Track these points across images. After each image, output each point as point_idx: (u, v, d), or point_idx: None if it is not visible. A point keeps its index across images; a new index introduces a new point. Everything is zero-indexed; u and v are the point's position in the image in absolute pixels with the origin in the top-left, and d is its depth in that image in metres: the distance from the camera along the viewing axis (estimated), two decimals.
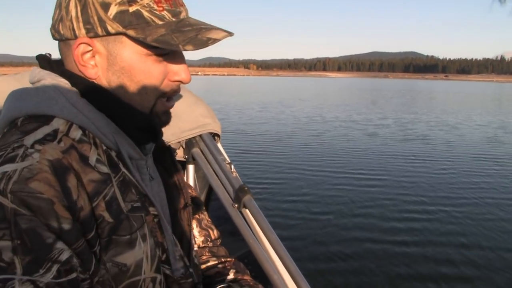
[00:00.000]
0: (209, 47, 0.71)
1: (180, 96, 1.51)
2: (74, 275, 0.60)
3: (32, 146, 0.63)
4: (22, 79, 1.46)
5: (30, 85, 0.75)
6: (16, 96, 0.72)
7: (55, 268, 0.58)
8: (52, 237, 0.59)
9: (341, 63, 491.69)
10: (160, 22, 0.70)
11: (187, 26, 0.71)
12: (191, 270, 0.85)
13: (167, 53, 0.73)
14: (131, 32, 0.68)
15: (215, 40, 0.70)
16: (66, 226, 0.60)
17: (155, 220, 0.75)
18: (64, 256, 0.59)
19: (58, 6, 0.72)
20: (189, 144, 1.54)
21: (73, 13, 0.69)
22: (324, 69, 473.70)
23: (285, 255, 1.35)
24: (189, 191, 1.09)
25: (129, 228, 0.69)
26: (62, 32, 0.71)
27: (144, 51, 0.71)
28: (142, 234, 0.71)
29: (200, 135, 1.56)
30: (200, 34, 0.70)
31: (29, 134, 0.65)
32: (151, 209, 0.75)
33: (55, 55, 0.78)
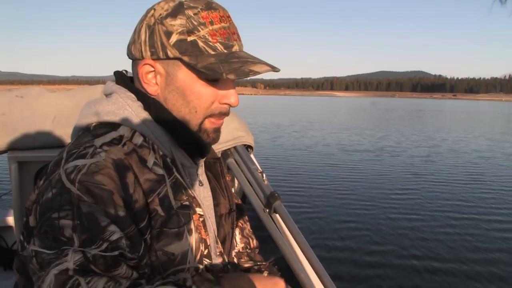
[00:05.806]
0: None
1: None
2: (116, 252, 0.67)
3: (100, 147, 0.74)
4: (75, 94, 1.57)
5: (84, 100, 0.88)
6: (91, 105, 0.84)
7: (105, 245, 0.67)
8: (107, 221, 0.68)
9: (348, 83, 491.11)
10: (212, 52, 0.78)
11: (235, 58, 0.79)
12: (229, 266, 0.93)
13: (218, 79, 0.81)
14: (185, 58, 0.78)
15: (256, 73, 0.78)
16: (121, 213, 0.70)
17: (201, 219, 0.85)
18: (114, 237, 0.68)
19: (134, 31, 0.83)
20: (225, 155, 1.66)
21: (142, 37, 0.80)
22: (332, 89, 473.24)
23: (312, 256, 1.44)
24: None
25: (177, 222, 0.79)
26: (133, 52, 0.83)
27: (196, 75, 0.80)
28: (189, 229, 0.81)
29: (235, 147, 1.68)
30: (245, 66, 0.78)
31: (99, 137, 0.77)
32: (198, 209, 0.85)
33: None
